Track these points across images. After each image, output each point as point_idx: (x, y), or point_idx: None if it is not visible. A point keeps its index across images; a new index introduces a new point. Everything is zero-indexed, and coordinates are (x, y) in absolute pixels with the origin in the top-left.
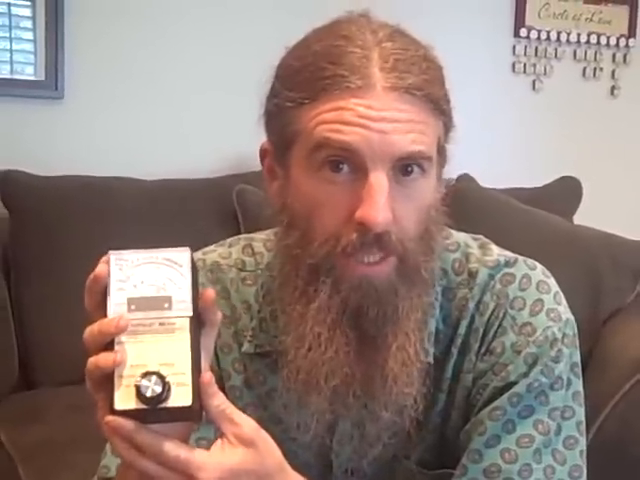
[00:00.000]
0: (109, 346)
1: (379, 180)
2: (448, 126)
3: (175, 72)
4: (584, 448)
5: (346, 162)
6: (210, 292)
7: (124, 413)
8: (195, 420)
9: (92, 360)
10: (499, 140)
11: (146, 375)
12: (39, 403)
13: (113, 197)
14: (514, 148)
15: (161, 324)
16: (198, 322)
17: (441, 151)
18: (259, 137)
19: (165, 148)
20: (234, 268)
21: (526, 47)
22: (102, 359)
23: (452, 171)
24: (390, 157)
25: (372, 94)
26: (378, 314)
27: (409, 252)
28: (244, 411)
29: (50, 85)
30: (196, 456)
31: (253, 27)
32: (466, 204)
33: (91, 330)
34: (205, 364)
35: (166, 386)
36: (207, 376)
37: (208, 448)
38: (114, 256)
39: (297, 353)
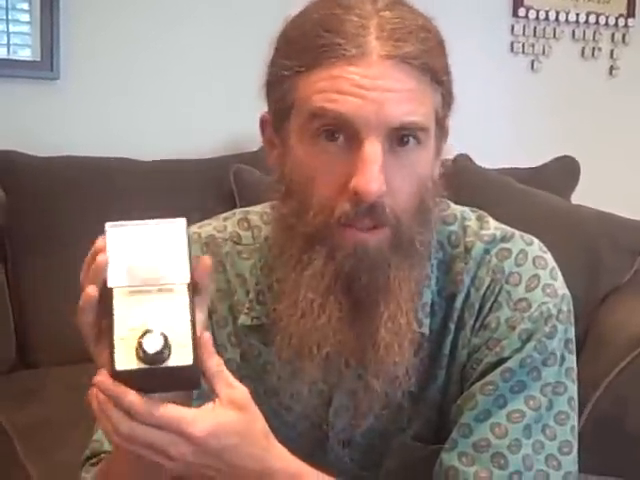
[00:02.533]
0: (107, 313)
1: (373, 150)
2: (447, 99)
3: (171, 53)
4: (575, 424)
5: (341, 131)
6: (207, 260)
7: (125, 374)
8: (194, 385)
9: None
10: (497, 120)
11: (147, 332)
12: (37, 383)
13: (110, 178)
14: (512, 128)
15: (159, 290)
16: (194, 289)
17: (440, 124)
18: (256, 118)
19: (162, 129)
20: (229, 241)
21: (525, 27)
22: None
23: (449, 151)
24: (384, 127)
25: (367, 62)
26: (370, 281)
27: (403, 223)
28: None
29: (46, 65)
30: (186, 412)
31: (250, 6)
32: (463, 183)
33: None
34: (201, 329)
35: (167, 343)
36: (206, 335)
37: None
38: (111, 228)
39: (290, 320)
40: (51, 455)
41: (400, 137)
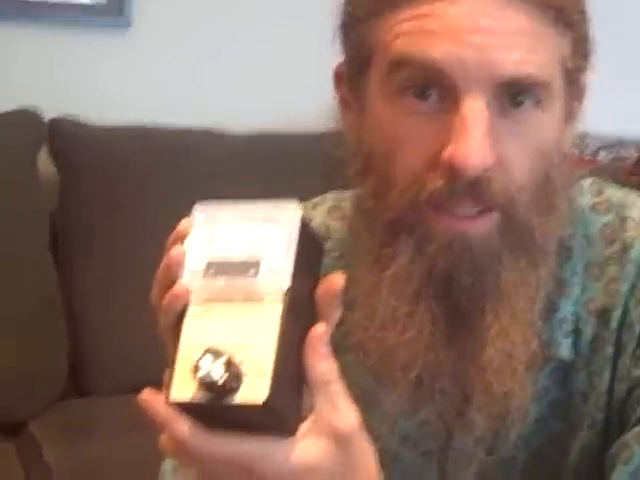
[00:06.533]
0: (180, 319)
1: (475, 109)
2: (582, 46)
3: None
4: None
5: (433, 86)
6: (336, 280)
7: (180, 406)
8: (277, 429)
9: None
10: None
11: (207, 353)
12: (90, 415)
13: (187, 153)
14: None
15: (246, 299)
16: (306, 301)
17: (570, 78)
18: None
19: (253, 94)
20: None
21: None
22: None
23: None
24: (490, 80)
25: None
26: (474, 284)
27: (517, 206)
28: None
29: (113, 10)
30: (257, 448)
31: None
32: None
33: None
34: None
35: (234, 371)
36: (319, 329)
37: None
38: (201, 213)
39: (366, 334)
40: None
41: (513, 95)
